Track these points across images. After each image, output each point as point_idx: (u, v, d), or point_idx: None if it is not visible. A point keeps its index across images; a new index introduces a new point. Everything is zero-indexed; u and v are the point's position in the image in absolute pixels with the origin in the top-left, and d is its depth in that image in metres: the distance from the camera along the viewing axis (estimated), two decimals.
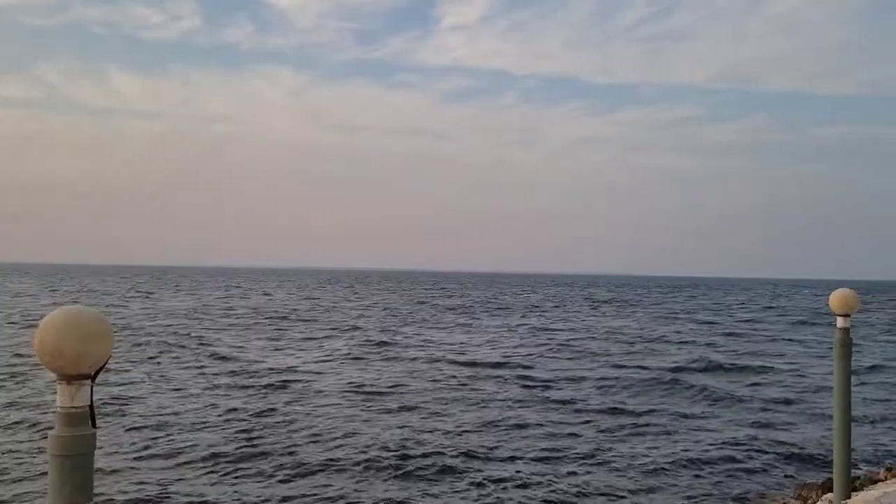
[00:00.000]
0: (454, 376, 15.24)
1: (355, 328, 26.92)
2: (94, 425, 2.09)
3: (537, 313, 38.65)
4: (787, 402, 13.16)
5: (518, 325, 29.91)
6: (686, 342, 23.64)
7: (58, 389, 2.06)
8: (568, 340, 23.55)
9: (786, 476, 8.49)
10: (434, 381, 14.58)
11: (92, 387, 2.09)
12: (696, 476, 8.38)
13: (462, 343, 22.26)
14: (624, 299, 59.20)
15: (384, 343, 21.61)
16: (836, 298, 5.11)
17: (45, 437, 2.19)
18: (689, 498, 7.61)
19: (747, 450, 9.59)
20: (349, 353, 18.92)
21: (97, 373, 2.09)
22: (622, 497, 7.62)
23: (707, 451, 9.47)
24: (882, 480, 7.02)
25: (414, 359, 18.13)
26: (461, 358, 18.42)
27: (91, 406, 2.09)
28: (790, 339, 25.59)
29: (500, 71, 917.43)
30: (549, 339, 24.20)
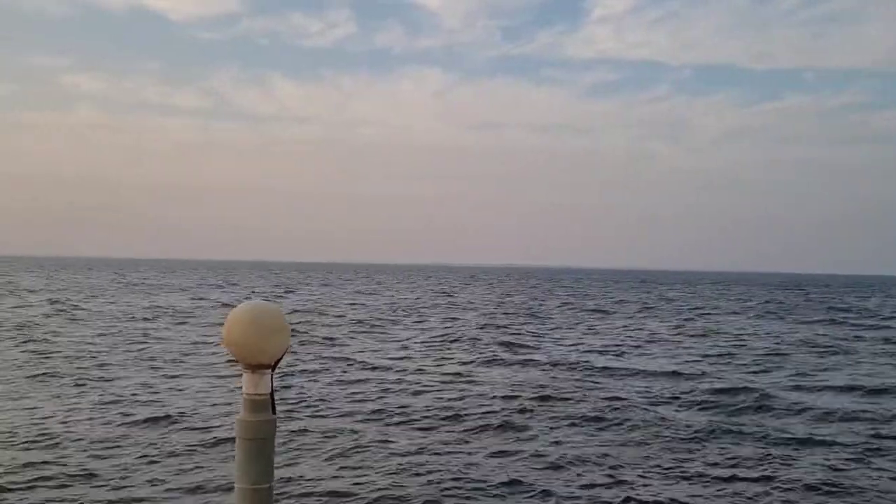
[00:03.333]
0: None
1: None
2: (273, 412, 2.28)
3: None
4: None
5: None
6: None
7: (243, 378, 2.27)
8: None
9: None
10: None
11: (272, 376, 2.29)
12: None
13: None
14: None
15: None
16: None
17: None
18: None
19: None
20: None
21: (276, 363, 2.29)
22: None
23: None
24: None
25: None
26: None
27: (272, 394, 2.29)
28: None
29: (648, 62, 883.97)
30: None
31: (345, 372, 14.82)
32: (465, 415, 10.87)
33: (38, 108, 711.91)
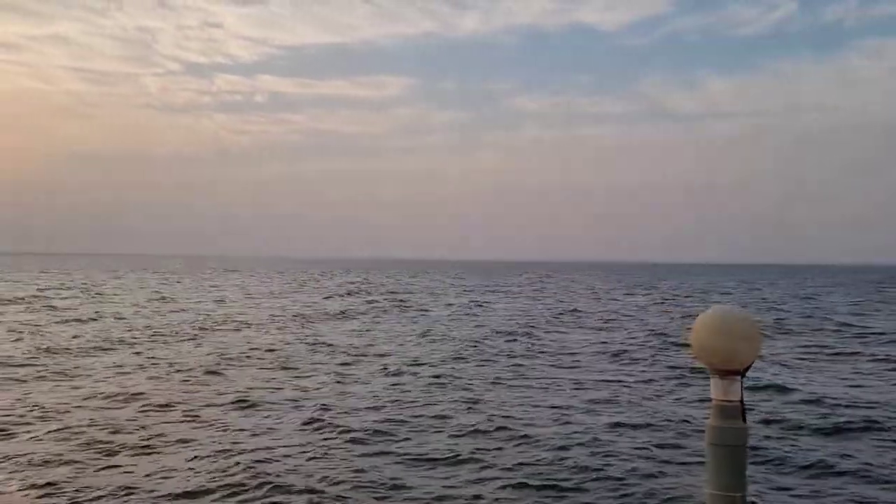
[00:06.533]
0: None
1: None
2: (744, 420, 2.23)
3: None
4: None
5: None
6: None
7: (711, 383, 2.28)
8: None
9: None
10: None
11: (742, 384, 2.25)
12: None
13: None
14: None
15: None
16: None
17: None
18: None
19: None
20: None
21: (746, 370, 2.23)
22: None
23: None
24: None
25: None
26: None
27: (741, 402, 2.24)
28: None
29: None
30: None
31: None
32: None
33: (495, 129, 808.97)
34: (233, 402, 10.30)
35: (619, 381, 12.71)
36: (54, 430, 8.47)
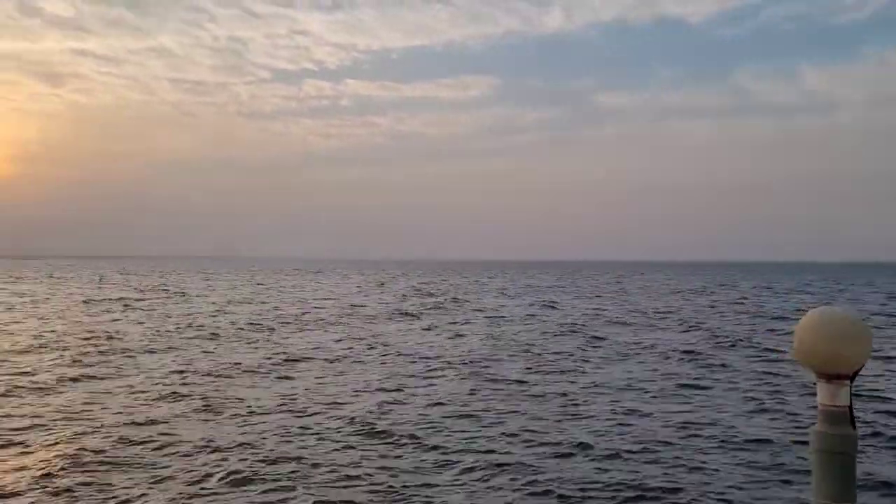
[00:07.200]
0: None
1: None
2: (853, 427, 2.12)
3: None
4: None
5: None
6: None
7: (817, 387, 2.17)
8: None
9: None
10: None
11: (850, 388, 2.13)
12: None
13: None
14: None
15: None
16: None
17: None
18: None
19: None
20: None
21: (855, 374, 2.12)
22: None
23: None
24: None
25: None
26: None
27: (850, 407, 2.12)
28: None
29: None
30: None
31: None
32: None
33: (581, 127, 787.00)
34: (281, 403, 10.39)
35: (698, 386, 12.20)
36: (91, 429, 8.69)
